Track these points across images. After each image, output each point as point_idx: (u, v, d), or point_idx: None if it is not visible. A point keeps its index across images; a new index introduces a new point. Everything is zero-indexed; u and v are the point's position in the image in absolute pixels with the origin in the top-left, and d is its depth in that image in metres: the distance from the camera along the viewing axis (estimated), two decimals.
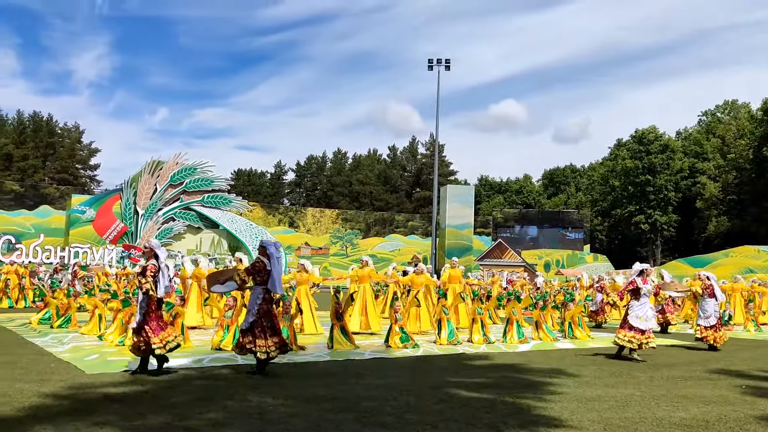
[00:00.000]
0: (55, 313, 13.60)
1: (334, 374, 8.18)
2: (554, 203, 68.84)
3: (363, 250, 47.19)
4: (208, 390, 6.81)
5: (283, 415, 5.63)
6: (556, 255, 51.47)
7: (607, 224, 63.97)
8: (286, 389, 6.91)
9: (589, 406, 6.38)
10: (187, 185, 38.50)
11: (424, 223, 54.99)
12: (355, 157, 72.50)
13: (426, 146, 68.95)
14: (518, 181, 75.22)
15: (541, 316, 13.18)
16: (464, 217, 43.26)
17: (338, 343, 10.67)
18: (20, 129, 57.90)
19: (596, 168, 69.54)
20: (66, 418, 5.36)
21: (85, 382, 7.13)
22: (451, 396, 6.75)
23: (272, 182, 71.88)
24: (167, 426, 5.18)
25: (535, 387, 7.43)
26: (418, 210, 62.39)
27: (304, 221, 51.37)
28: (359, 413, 5.78)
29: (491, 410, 6.05)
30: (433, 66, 42.90)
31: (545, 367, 9.11)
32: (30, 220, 39.11)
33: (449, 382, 7.70)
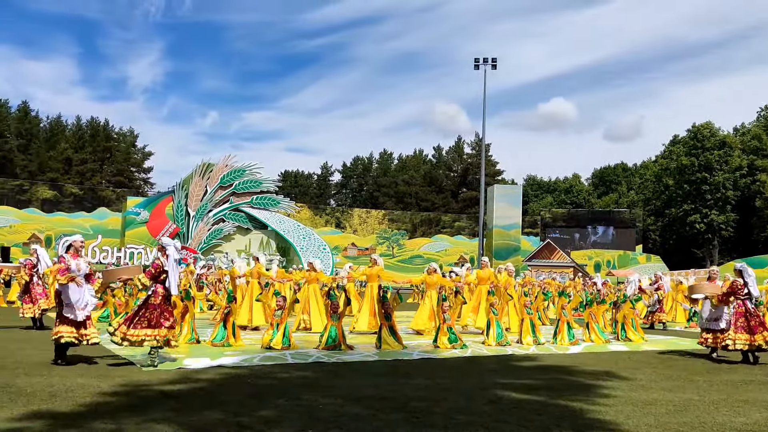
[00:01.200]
0: (112, 311, 14.06)
1: (382, 374, 8.20)
2: (605, 203, 67.35)
3: (410, 250, 47.22)
4: (260, 388, 6.92)
5: (333, 414, 5.67)
6: (607, 255, 50.37)
7: (660, 224, 62.25)
8: (336, 388, 6.96)
9: (646, 410, 6.22)
10: (237, 187, 39.23)
11: (471, 224, 54.61)
12: (401, 158, 72.59)
13: (472, 146, 68.51)
14: (567, 180, 73.90)
15: (591, 317, 12.91)
16: (512, 218, 42.79)
17: (386, 343, 10.70)
18: (79, 134, 60.06)
19: (649, 166, 67.74)
20: (125, 413, 5.53)
21: (141, 378, 7.33)
22: (501, 398, 6.68)
23: (319, 183, 72.58)
24: (221, 423, 5.28)
25: (587, 390, 7.28)
26: (464, 210, 62.01)
27: (350, 222, 51.71)
28: (409, 413, 5.78)
29: (543, 413, 5.96)
30: (480, 65, 42.58)
31: (597, 370, 8.92)
32: (88, 221, 40.57)
33: (498, 383, 7.62)
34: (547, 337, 12.37)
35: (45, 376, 7.19)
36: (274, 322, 10.63)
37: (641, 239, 54.26)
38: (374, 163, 73.12)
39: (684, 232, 58.58)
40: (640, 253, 51.45)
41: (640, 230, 54.74)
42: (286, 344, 10.28)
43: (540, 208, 63.72)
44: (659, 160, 63.85)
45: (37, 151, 55.46)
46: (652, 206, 62.50)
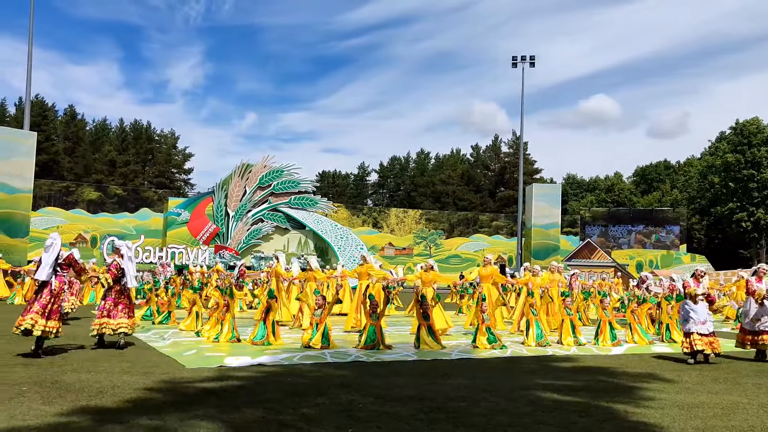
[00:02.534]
0: (155, 310, 14.37)
1: (422, 374, 8.17)
2: (647, 201, 65.86)
3: (447, 250, 47.02)
4: (299, 386, 6.97)
5: (373, 414, 5.68)
6: (649, 255, 49.28)
7: (705, 223, 60.58)
8: (375, 388, 6.97)
9: (692, 413, 6.06)
10: (275, 187, 39.65)
11: (509, 223, 54.08)
12: (438, 157, 72.31)
13: (509, 145, 67.84)
14: (608, 179, 72.53)
15: (634, 317, 12.65)
16: (550, 217, 42.19)
17: (424, 343, 10.66)
18: (122, 137, 61.54)
19: (693, 163, 65.99)
20: (169, 409, 5.63)
21: (185, 376, 7.47)
22: (542, 399, 6.59)
23: (356, 183, 72.83)
24: (262, 420, 5.34)
25: (630, 392, 7.13)
26: (502, 209, 61.45)
27: (387, 222, 51.74)
28: (449, 413, 5.75)
29: (585, 414, 5.86)
30: (517, 63, 42.13)
31: (641, 371, 8.73)
32: (132, 222, 41.54)
33: (539, 384, 7.52)
34: (588, 338, 12.16)
35: (92, 372, 7.38)
36: (313, 321, 10.70)
37: (685, 238, 52.91)
38: (411, 163, 73.03)
39: (730, 231, 56.86)
40: (684, 253, 50.18)
41: (684, 229, 53.38)
42: (326, 343, 10.34)
43: (580, 207, 62.70)
44: (704, 157, 62.11)
45: (82, 154, 57.04)
46: (696, 205, 60.86)
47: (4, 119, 51.88)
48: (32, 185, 30.99)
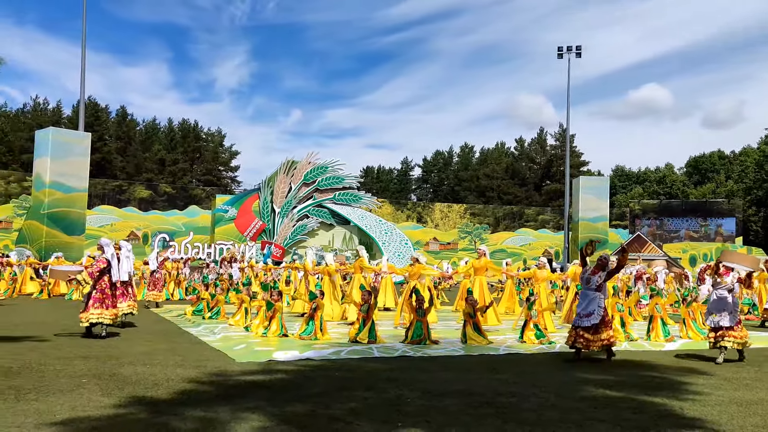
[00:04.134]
0: (206, 305, 14.68)
1: (469, 369, 8.13)
2: (700, 192, 63.85)
3: (492, 244, 46.53)
4: (347, 381, 7.02)
5: (421, 408, 5.67)
6: (703, 248, 47.79)
7: (762, 214, 58.37)
8: (423, 382, 6.96)
9: (751, 410, 5.85)
10: (320, 183, 39.95)
11: (556, 217, 53.22)
12: (482, 151, 71.65)
13: (555, 137, 66.71)
14: (659, 170, 70.56)
15: (689, 313, 12.29)
16: (598, 210, 41.35)
17: (471, 339, 10.60)
18: (171, 136, 63.00)
19: (749, 153, 63.62)
20: (220, 401, 5.75)
21: (235, 369, 7.61)
22: (594, 395, 6.47)
23: (399, 179, 72.81)
24: (312, 414, 5.39)
25: (685, 388, 6.93)
26: (548, 203, 60.51)
27: (432, 216, 51.57)
28: (498, 408, 5.70)
29: (639, 411, 5.73)
30: (563, 54, 41.38)
31: (696, 368, 8.48)
32: (181, 219, 42.52)
33: (589, 379, 7.39)
34: (640, 334, 11.88)
35: (147, 365, 7.59)
36: (360, 316, 10.76)
37: (741, 230, 51.09)
38: (455, 157, 72.59)
39: None
40: (740, 245, 48.47)
41: (740, 221, 51.55)
42: (373, 338, 10.38)
43: (629, 200, 61.24)
44: (761, 147, 59.84)
45: (134, 153, 58.65)
46: (753, 195, 58.70)
47: (60, 121, 53.74)
48: (87, 184, 32.03)
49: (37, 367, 7.28)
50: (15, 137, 52.88)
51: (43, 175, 30.14)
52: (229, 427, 4.88)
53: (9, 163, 51.09)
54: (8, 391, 5.89)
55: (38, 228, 29.95)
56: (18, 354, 8.20)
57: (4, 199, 40.72)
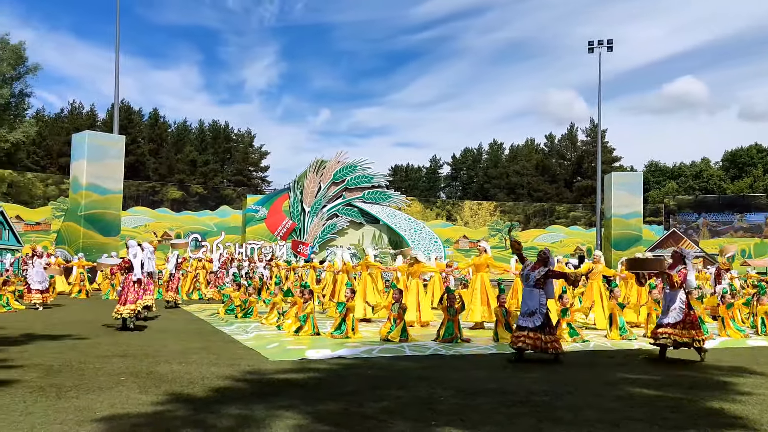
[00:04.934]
0: (238, 305, 14.85)
1: (502, 367, 8.07)
2: (738, 187, 62.36)
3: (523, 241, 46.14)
4: (379, 380, 7.03)
5: (454, 407, 5.65)
6: (741, 244, 46.68)
7: None
8: (455, 381, 6.94)
9: None
10: (349, 182, 40.09)
11: (587, 213, 52.55)
12: (512, 148, 71.05)
13: (586, 133, 65.81)
14: (695, 165, 69.08)
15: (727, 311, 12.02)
16: (632, 206, 40.68)
17: (503, 338, 10.52)
18: (202, 137, 63.86)
19: None
20: (255, 399, 5.81)
21: (268, 368, 7.69)
22: (630, 394, 6.37)
23: (428, 177, 72.64)
24: (345, 412, 5.41)
25: (725, 387, 6.78)
26: (579, 200, 59.75)
27: (461, 214, 51.37)
28: (532, 407, 5.65)
29: (677, 410, 5.62)
30: (594, 48, 40.81)
31: (736, 366, 8.29)
32: (213, 219, 43.10)
33: (625, 378, 7.28)
34: None
35: (183, 364, 7.71)
36: (391, 315, 10.76)
37: None
38: (484, 155, 72.14)
39: None
40: None
41: None
42: (404, 337, 10.39)
43: (663, 195, 60.13)
44: None
45: (166, 155, 59.59)
46: None
47: (95, 124, 54.87)
48: (122, 186, 32.65)
49: (77, 365, 7.45)
50: (53, 141, 54.16)
51: (80, 177, 30.82)
52: (264, 424, 4.92)
53: (47, 166, 52.37)
54: (50, 389, 6.04)
55: (75, 229, 30.64)
56: (59, 352, 8.40)
57: (42, 201, 41.76)
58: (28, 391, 5.96)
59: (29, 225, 38.90)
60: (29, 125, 49.05)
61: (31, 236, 37.16)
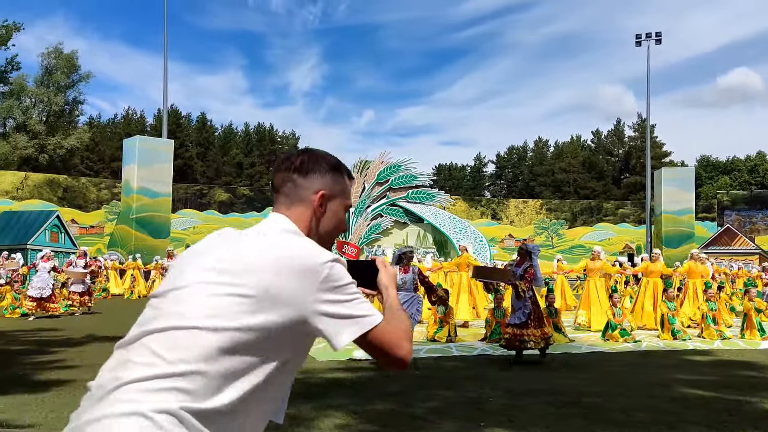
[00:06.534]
0: None
1: (551, 368, 7.95)
2: None
3: (569, 240, 45.44)
4: (427, 380, 7.01)
5: (502, 407, 5.59)
6: None
7: None
8: (504, 381, 6.86)
9: None
10: (393, 182, 40.12)
11: (636, 210, 51.32)
12: (557, 145, 69.94)
13: (634, 128, 64.24)
14: (750, 159, 66.64)
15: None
16: (683, 202, 39.51)
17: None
18: (247, 139, 64.95)
19: None
20: (303, 399, 5.86)
21: (316, 367, 7.75)
22: (685, 395, 6.19)
23: (473, 175, 72.11)
24: (393, 412, 5.42)
25: None
26: (628, 196, 58.39)
27: (506, 213, 50.85)
28: (583, 408, 5.54)
29: (736, 413, 5.43)
30: (642, 41, 39.83)
31: None
32: (259, 220, 43.07)
33: (680, 379, 7.07)
34: (734, 332, 11.28)
35: None
36: (436, 316, 10.72)
37: None
38: (529, 152, 71.21)
39: None
40: None
41: None
42: (450, 337, 10.34)
43: (716, 191, 58.24)
44: None
45: (213, 158, 60.83)
46: None
47: (145, 129, 56.42)
48: (171, 189, 33.47)
49: None
50: (105, 146, 55.91)
51: (131, 181, 31.73)
52: (313, 424, 4.97)
53: (100, 171, 54.10)
54: None
55: (127, 232, 31.55)
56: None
57: (96, 205, 43.17)
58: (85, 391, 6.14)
59: (83, 228, 40.24)
60: (83, 131, 50.82)
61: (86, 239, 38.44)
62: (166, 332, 1.27)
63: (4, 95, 46.51)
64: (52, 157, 47.91)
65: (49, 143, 47.31)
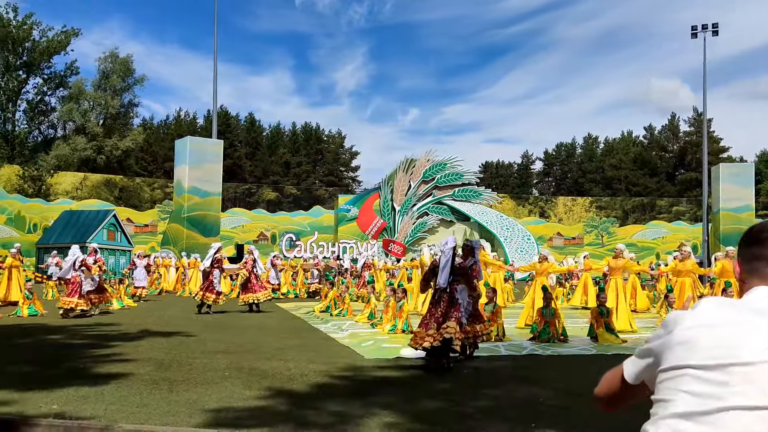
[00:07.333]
0: (333, 303, 15.15)
1: (603, 369, 7.71)
2: None
3: (621, 238, 44.33)
4: (476, 379, 6.95)
5: (555, 408, 5.49)
6: None
7: None
8: (554, 382, 6.74)
9: None
10: (439, 180, 39.98)
11: (692, 208, 49.75)
12: (607, 141, 68.39)
13: (689, 122, 62.26)
14: None
15: None
16: (742, 199, 38.12)
17: (604, 339, 10.12)
18: (294, 139, 65.73)
19: None
20: (353, 397, 5.89)
21: (365, 365, 7.77)
22: None
23: (520, 173, 71.19)
24: (442, 411, 5.39)
25: None
26: (683, 193, 56.66)
27: (555, 211, 50.02)
28: (637, 411, 5.38)
29: None
30: (698, 33, 38.56)
31: None
32: (306, 219, 44.21)
33: None
34: None
35: (282, 360, 7.94)
36: (485, 316, 10.61)
37: None
38: (578, 149, 69.87)
39: None
40: None
41: None
42: (499, 336, 10.22)
43: None
44: None
45: (261, 158, 61.80)
46: None
47: (195, 130, 57.74)
48: (221, 188, 34.16)
49: (186, 360, 7.84)
50: (158, 147, 57.49)
51: (183, 181, 32.52)
52: (362, 422, 4.98)
53: (153, 171, 55.65)
54: (162, 383, 6.39)
55: (179, 230, 32.36)
56: (169, 348, 8.88)
57: (149, 204, 44.42)
58: (143, 384, 6.33)
59: (138, 227, 41.43)
60: (137, 133, 52.38)
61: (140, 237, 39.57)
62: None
63: (64, 99, 48.32)
64: (109, 158, 49.55)
65: (106, 145, 48.93)
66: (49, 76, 47.91)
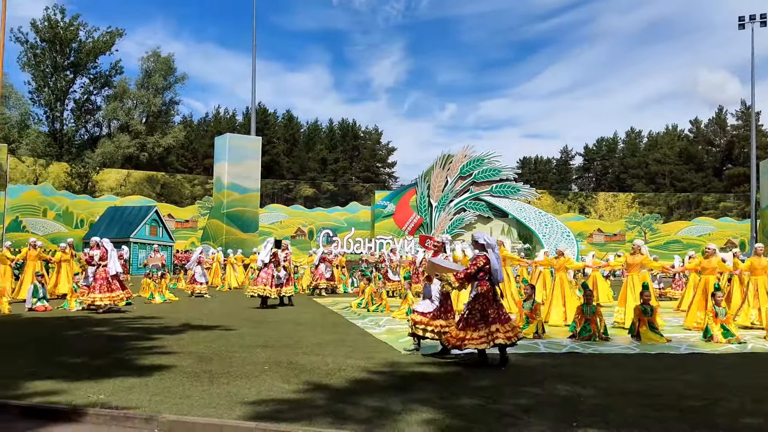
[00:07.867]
0: (369, 299, 15.18)
1: (646, 368, 7.60)
2: None
3: (665, 235, 43.40)
4: (515, 376, 6.87)
5: (596, 408, 5.39)
6: None
7: None
8: (596, 380, 6.62)
9: None
10: (476, 176, 39.69)
11: (740, 204, 48.28)
12: (651, 136, 66.83)
13: (737, 116, 60.37)
14: None
15: None
16: None
17: (647, 338, 9.90)
18: (331, 135, 66.05)
19: None
20: (390, 392, 5.89)
21: (402, 361, 7.77)
22: None
23: (559, 168, 70.14)
24: (480, 408, 5.34)
25: None
26: (730, 189, 55.01)
27: (595, 207, 49.16)
28: (683, 412, 5.26)
29: None
30: (745, 24, 37.36)
31: None
32: (343, 215, 44.48)
33: None
34: None
35: (320, 355, 7.99)
36: (522, 313, 10.50)
37: None
38: (620, 144, 68.45)
39: None
40: None
41: None
42: (538, 333, 10.10)
43: None
44: None
45: (298, 154, 62.29)
46: None
47: (234, 127, 58.51)
48: (259, 185, 34.57)
49: (226, 354, 7.96)
50: (199, 144, 58.48)
51: (222, 177, 33.03)
52: (400, 417, 4.98)
53: (193, 168, 56.62)
54: (203, 375, 6.51)
55: (219, 226, 32.89)
56: (209, 342, 9.04)
57: (190, 200, 45.24)
58: (185, 376, 6.45)
59: (179, 222, 42.29)
60: (178, 130, 53.38)
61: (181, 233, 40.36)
62: None
63: (109, 98, 49.54)
64: (151, 155, 50.63)
65: (149, 142, 50.01)
66: (95, 75, 49.16)
